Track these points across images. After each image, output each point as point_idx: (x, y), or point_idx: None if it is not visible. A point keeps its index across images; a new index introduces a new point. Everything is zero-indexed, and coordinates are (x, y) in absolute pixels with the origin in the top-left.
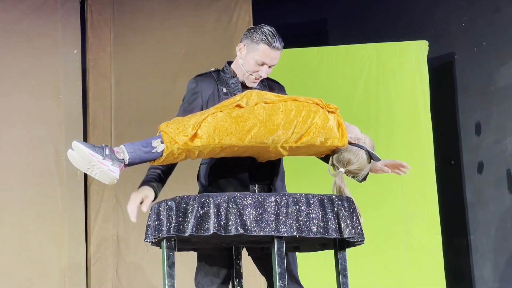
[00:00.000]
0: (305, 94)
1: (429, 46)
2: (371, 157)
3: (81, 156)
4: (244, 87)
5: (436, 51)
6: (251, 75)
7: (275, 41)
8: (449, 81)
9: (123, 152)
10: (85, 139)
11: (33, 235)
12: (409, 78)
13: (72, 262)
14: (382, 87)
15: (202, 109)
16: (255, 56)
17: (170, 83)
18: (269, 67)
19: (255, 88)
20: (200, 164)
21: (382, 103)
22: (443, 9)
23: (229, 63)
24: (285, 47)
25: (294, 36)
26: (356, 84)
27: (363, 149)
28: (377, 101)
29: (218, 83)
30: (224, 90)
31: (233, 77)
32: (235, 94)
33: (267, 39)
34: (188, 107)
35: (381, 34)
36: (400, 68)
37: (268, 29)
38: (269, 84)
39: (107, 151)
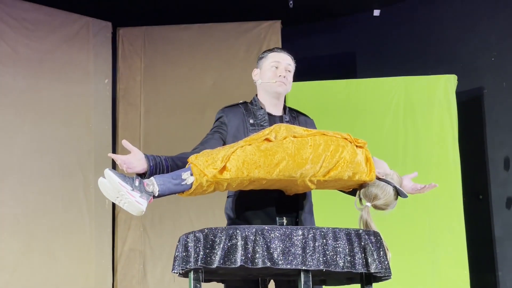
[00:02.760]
0: (333, 127)
1: (457, 80)
2: (398, 193)
3: (111, 184)
4: (272, 119)
5: (465, 85)
6: (275, 82)
7: (280, 48)
8: (477, 115)
9: (153, 184)
10: (114, 168)
11: (61, 262)
12: (438, 112)
13: None
14: (410, 121)
15: (226, 140)
16: (267, 64)
17: (199, 113)
18: (286, 70)
19: (284, 122)
20: (227, 197)
21: (410, 137)
22: (472, 44)
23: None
24: (313, 79)
25: (322, 68)
26: (384, 117)
27: (390, 184)
28: (405, 134)
29: (245, 114)
30: (251, 121)
31: (261, 108)
32: (262, 125)
33: (270, 49)
34: (212, 136)
35: (410, 67)
36: (429, 102)
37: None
38: (299, 118)
39: (136, 183)
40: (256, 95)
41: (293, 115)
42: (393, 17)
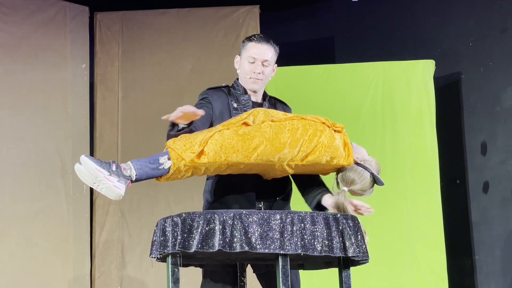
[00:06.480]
0: (312, 112)
1: (435, 65)
2: (375, 180)
3: (88, 170)
4: (254, 105)
5: (442, 71)
6: (250, 78)
7: (259, 37)
8: (455, 101)
9: (130, 169)
10: (91, 153)
11: (38, 248)
12: (416, 97)
13: (77, 276)
14: (388, 106)
15: (212, 116)
16: (245, 56)
17: (177, 98)
18: (263, 65)
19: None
20: (206, 179)
21: (388, 122)
22: (450, 29)
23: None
24: (292, 64)
25: (301, 53)
26: (362, 102)
27: (368, 171)
28: (383, 119)
29: (229, 97)
30: (235, 105)
31: (245, 93)
32: (245, 110)
33: (251, 37)
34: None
35: (388, 52)
36: (407, 87)
37: (254, 34)
38: (276, 105)
39: (113, 167)
40: (238, 79)
41: (272, 103)
42: (371, 2)
